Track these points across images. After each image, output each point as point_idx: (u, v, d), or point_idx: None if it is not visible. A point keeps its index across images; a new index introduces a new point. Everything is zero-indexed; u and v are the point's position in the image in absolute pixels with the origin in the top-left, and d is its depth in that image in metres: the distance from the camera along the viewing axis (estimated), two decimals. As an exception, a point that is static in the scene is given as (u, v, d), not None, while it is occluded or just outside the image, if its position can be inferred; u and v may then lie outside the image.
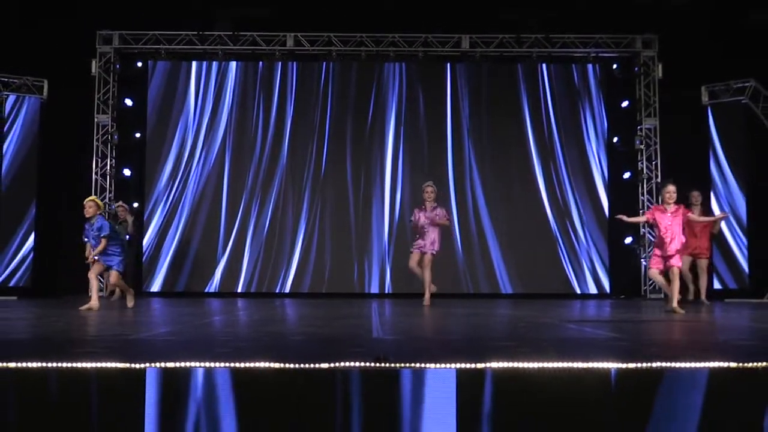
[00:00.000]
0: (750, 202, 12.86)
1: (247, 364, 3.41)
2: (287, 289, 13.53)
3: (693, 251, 11.36)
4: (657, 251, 8.53)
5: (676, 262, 8.41)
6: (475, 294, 13.36)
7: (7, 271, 12.70)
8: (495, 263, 13.64)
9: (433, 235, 10.08)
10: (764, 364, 3.42)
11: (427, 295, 10.06)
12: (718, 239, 12.59)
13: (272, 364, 3.40)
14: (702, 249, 11.46)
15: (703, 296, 11.49)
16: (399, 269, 11.28)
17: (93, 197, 9.23)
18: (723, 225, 12.59)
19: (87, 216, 8.73)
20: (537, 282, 13.54)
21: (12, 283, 12.70)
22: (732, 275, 12.75)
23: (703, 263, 11.53)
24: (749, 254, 12.73)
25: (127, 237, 11.86)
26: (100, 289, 11.80)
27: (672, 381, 3.39)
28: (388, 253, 13.54)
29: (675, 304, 8.23)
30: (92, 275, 8.88)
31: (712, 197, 12.97)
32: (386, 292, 13.47)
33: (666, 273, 8.48)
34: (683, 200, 11.21)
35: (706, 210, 11.75)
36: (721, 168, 13.06)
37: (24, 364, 3.40)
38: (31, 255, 12.80)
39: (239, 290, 13.51)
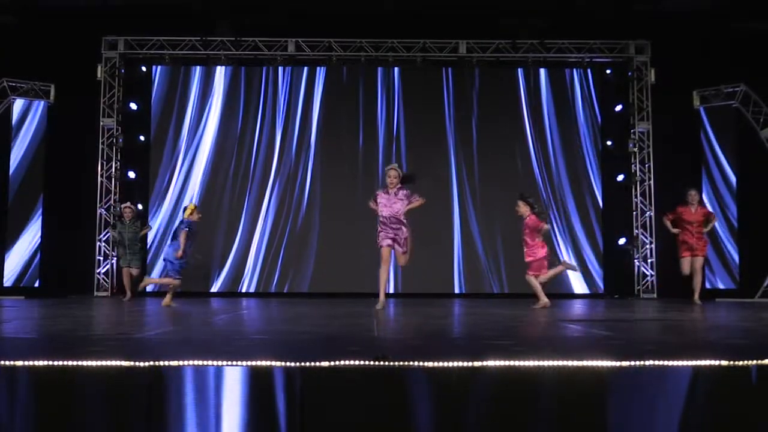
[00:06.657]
0: (741, 202, 13.04)
1: (249, 363, 3.42)
2: (286, 289, 13.65)
3: (694, 252, 11.68)
4: None
5: None
6: (471, 294, 13.50)
7: (15, 272, 12.85)
8: (491, 263, 13.81)
9: (405, 232, 8.87)
10: (755, 362, 3.45)
11: (383, 297, 8.86)
12: (711, 239, 12.90)
13: (273, 363, 3.41)
14: (700, 247, 11.71)
15: (696, 296, 11.75)
16: (405, 269, 11.38)
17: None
18: (716, 224, 12.88)
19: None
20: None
21: (19, 283, 12.85)
22: (723, 275, 12.92)
23: (700, 261, 11.76)
24: (740, 254, 12.91)
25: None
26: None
27: (665, 379, 3.41)
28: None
29: None
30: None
31: (705, 198, 13.10)
32: (391, 291, 13.45)
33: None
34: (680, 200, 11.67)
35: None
36: (717, 168, 13.24)
37: (31, 363, 3.41)
38: (38, 255, 12.96)
39: (242, 290, 13.65)
